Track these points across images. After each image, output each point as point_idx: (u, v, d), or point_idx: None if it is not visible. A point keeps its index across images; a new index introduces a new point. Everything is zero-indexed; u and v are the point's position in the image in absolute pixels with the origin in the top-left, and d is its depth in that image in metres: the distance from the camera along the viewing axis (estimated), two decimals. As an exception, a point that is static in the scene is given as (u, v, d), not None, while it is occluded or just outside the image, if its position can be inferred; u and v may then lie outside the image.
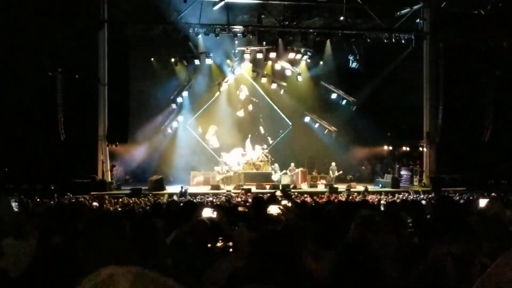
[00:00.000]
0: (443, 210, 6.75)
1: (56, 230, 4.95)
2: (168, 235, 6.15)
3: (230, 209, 10.27)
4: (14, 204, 5.82)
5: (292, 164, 32.96)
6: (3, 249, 4.77)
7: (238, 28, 31.49)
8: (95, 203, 18.30)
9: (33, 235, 5.02)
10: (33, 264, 4.33)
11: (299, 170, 32.91)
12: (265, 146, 34.80)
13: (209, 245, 5.63)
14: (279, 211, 7.29)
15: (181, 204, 10.52)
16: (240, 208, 11.24)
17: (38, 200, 20.18)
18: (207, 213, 6.55)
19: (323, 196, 25.06)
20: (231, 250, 4.79)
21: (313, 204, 13.24)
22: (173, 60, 34.29)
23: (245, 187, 29.71)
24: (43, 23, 26.55)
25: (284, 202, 8.27)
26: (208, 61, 33.79)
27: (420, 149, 33.53)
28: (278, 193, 11.71)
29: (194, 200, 21.47)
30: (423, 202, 15.77)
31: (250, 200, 16.39)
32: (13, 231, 5.07)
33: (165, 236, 5.88)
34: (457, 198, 20.13)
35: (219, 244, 4.62)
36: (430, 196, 23.96)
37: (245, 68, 35.12)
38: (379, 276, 3.57)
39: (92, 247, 3.35)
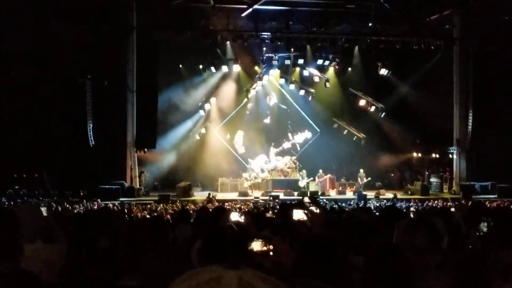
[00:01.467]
0: (476, 216, 6.64)
1: (91, 234, 4.96)
2: (196, 241, 6.11)
3: (257, 214, 10.20)
4: (43, 209, 5.85)
5: (321, 171, 32.80)
6: (26, 252, 4.77)
7: (266, 35, 31.53)
8: (122, 209, 18.35)
9: (63, 240, 5.01)
10: (66, 267, 4.32)
11: (327, 176, 32.76)
12: (293, 152, 34.72)
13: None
14: (304, 216, 7.22)
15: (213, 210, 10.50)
16: (268, 214, 11.18)
17: (67, 206, 20.29)
18: (235, 217, 6.51)
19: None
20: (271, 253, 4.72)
21: (340, 210, 13.14)
22: (201, 66, 34.32)
23: (273, 193, 29.67)
24: (72, 30, 26.77)
25: (312, 208, 8.19)
26: (236, 68, 33.92)
27: (450, 156, 33.22)
28: (306, 199, 11.61)
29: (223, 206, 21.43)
30: (452, 209, 15.55)
31: (277, 206, 16.33)
32: (43, 235, 5.06)
33: (193, 241, 5.84)
34: (488, 205, 19.90)
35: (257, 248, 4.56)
36: (460, 203, 23.67)
37: (273, 75, 35.02)
38: (410, 281, 3.51)
39: (138, 250, 3.35)
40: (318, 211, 8.05)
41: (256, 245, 4.46)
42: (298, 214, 7.25)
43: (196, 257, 4.18)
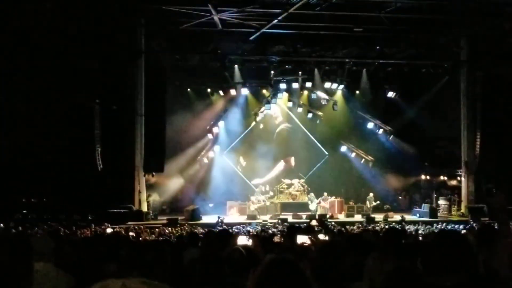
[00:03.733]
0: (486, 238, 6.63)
1: (98, 258, 4.99)
2: (204, 264, 6.12)
3: (265, 238, 10.21)
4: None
5: (325, 194, 32.71)
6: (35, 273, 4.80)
7: (274, 58, 31.66)
8: (131, 233, 18.32)
9: (71, 264, 5.04)
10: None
11: (336, 199, 32.68)
12: (301, 175, 34.77)
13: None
14: (308, 241, 7.24)
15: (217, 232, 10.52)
16: (276, 238, 11.19)
17: (75, 230, 20.29)
18: (242, 240, 6.52)
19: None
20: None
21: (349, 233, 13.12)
22: (209, 90, 34.50)
23: (281, 217, 29.62)
24: (80, 54, 26.96)
25: (321, 235, 8.19)
26: (244, 91, 34.02)
27: (458, 178, 33.16)
28: (314, 222, 11.61)
29: (230, 230, 21.40)
30: (463, 231, 15.48)
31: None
32: (52, 258, 5.10)
33: (202, 264, 5.85)
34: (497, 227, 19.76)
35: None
36: (469, 225, 23.55)
37: (281, 98, 35.07)
38: None
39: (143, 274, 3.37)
40: (325, 236, 8.06)
41: None
42: (303, 239, 7.28)
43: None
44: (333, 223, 26.19)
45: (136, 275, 2.04)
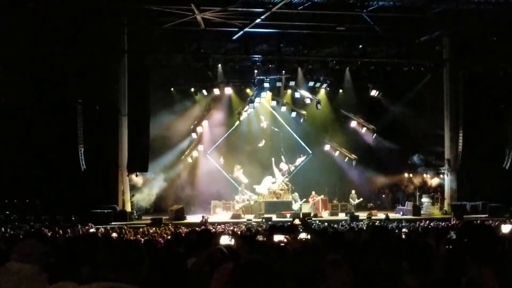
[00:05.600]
0: (468, 236, 6.66)
1: (77, 260, 4.97)
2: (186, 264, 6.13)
3: (248, 237, 10.21)
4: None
5: (313, 192, 32.83)
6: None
7: (257, 57, 31.63)
8: (114, 234, 18.28)
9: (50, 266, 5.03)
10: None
11: (320, 198, 32.77)
12: (286, 174, 34.81)
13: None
14: (284, 239, 7.28)
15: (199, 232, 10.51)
16: (259, 237, 11.19)
17: (58, 230, 20.18)
18: (225, 240, 6.53)
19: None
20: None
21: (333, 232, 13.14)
22: (192, 89, 34.49)
23: (265, 216, 29.65)
24: (62, 54, 26.83)
25: (303, 234, 8.19)
26: (228, 90, 34.00)
27: (441, 176, 33.32)
28: (297, 221, 11.62)
29: (213, 230, 21.38)
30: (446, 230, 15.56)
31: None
32: (40, 262, 5.06)
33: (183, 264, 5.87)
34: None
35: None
36: (453, 223, 23.69)
37: (265, 97, 35.08)
38: None
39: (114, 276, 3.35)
40: (307, 235, 8.08)
41: None
42: (279, 237, 7.32)
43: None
44: (317, 221, 26.29)
45: (111, 278, 1.96)
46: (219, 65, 32.42)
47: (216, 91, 33.96)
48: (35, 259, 4.98)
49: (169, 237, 16.11)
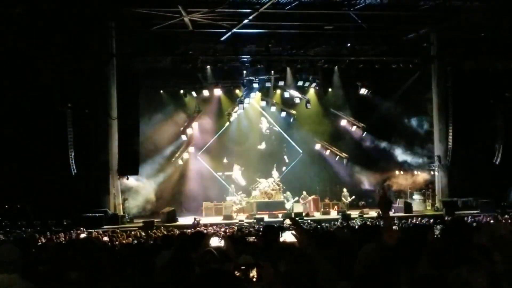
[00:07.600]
0: (454, 232, 6.68)
1: (68, 266, 4.94)
2: (177, 266, 6.12)
3: (238, 238, 10.22)
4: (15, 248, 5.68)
5: (304, 192, 32.86)
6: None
7: (246, 58, 31.70)
8: (105, 238, 18.24)
9: (39, 273, 4.99)
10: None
11: (311, 198, 32.81)
12: (277, 174, 34.80)
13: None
14: (294, 238, 7.24)
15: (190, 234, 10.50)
16: (250, 238, 11.18)
17: (50, 235, 20.12)
18: (215, 242, 6.54)
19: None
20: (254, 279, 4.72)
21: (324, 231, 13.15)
22: (182, 91, 34.58)
23: (257, 216, 29.63)
24: (51, 58, 26.76)
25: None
26: (217, 92, 34.02)
27: (432, 172, 33.39)
28: (287, 221, 11.59)
29: (205, 231, 21.35)
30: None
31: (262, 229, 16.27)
32: (19, 269, 4.96)
33: (174, 267, 5.86)
34: (470, 221, 19.96)
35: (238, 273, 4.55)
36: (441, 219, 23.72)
37: (254, 98, 35.11)
38: None
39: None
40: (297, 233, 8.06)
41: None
42: (288, 236, 7.27)
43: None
44: (309, 221, 26.32)
45: (100, 284, 1.91)
46: (208, 66, 32.44)
47: (206, 93, 34.03)
48: (14, 268, 4.84)
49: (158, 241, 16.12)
